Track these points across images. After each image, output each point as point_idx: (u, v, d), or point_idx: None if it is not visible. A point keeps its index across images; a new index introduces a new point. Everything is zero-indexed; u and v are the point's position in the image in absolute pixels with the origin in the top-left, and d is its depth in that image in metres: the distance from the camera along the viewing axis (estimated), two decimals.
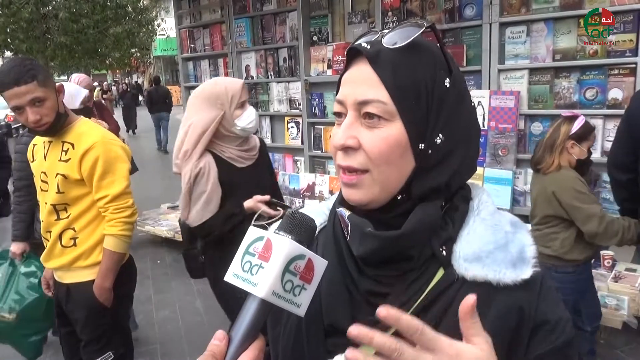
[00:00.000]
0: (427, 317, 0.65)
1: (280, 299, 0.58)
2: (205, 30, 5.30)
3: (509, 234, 0.68)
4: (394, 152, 0.65)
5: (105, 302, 2.02)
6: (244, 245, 0.61)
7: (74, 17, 11.02)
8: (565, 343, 0.66)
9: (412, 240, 0.66)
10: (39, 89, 1.81)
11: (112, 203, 1.97)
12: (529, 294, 0.66)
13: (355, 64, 0.68)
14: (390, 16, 3.75)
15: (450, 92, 0.66)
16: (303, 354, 0.72)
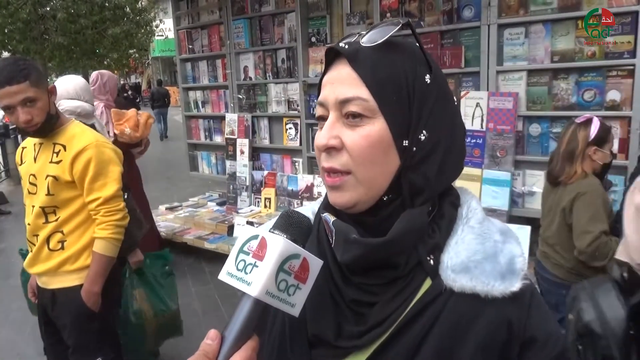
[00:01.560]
0: (414, 329, 0.64)
1: (274, 298, 0.57)
2: (204, 31, 5.29)
3: (498, 244, 0.66)
4: (377, 150, 0.63)
5: (93, 306, 1.99)
6: (238, 244, 0.61)
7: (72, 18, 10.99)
8: (557, 357, 0.64)
9: (398, 247, 0.64)
10: (31, 89, 1.80)
11: (104, 206, 1.95)
12: (518, 307, 0.64)
13: (334, 66, 0.66)
14: (388, 17, 3.75)
15: (432, 88, 0.65)
16: None
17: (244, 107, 5.01)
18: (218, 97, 5.35)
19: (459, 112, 0.72)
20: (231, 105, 5.12)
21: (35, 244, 1.98)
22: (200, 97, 5.55)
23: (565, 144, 2.30)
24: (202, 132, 5.62)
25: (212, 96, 5.41)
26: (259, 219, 4.48)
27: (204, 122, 5.58)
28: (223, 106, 5.29)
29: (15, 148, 8.78)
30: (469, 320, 0.63)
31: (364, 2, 4.09)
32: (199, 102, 5.57)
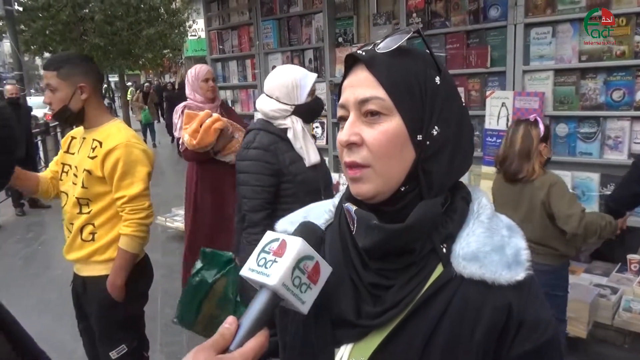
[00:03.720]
0: (428, 311, 0.70)
1: (288, 291, 0.65)
2: (234, 32, 5.42)
3: (505, 238, 0.73)
4: (394, 144, 0.70)
5: (117, 298, 2.09)
6: (260, 246, 0.69)
7: (109, 20, 11.39)
8: (546, 342, 0.69)
9: (414, 233, 0.71)
10: (56, 79, 2.00)
11: (129, 204, 2.05)
12: (519, 294, 0.70)
13: (353, 71, 0.74)
14: (414, 17, 3.78)
15: (441, 88, 0.72)
16: (311, 344, 0.77)
17: None
18: (247, 97, 5.47)
19: (467, 112, 0.79)
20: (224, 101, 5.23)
21: (71, 232, 2.11)
22: (230, 96, 5.69)
23: (520, 143, 2.40)
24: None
25: (241, 95, 5.54)
26: None
27: None
28: (252, 105, 5.41)
29: (55, 145, 9.17)
30: (476, 305, 0.69)
31: (391, 2, 4.12)
32: (229, 101, 5.71)
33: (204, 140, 3.01)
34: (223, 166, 3.27)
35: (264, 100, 2.21)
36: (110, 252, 2.11)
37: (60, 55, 2.16)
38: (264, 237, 0.69)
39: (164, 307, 3.94)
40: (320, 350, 0.76)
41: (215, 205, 3.40)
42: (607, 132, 3.09)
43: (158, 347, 3.27)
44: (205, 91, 3.29)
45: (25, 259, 5.44)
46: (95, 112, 2.12)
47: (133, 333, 2.24)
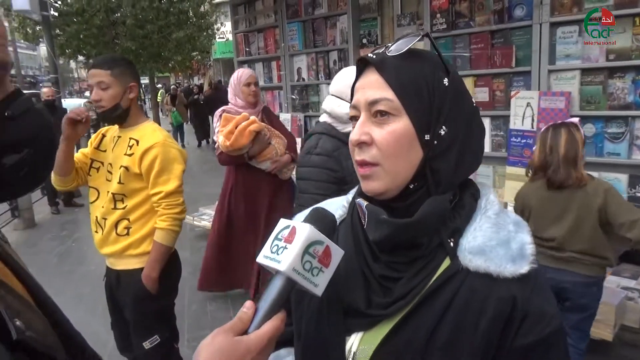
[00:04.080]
0: (435, 302, 0.73)
1: (299, 275, 0.68)
2: (260, 34, 5.50)
3: (511, 233, 0.75)
4: (401, 144, 0.74)
5: (151, 290, 2.19)
6: (274, 233, 0.73)
7: (139, 24, 11.66)
8: (550, 334, 0.71)
9: (422, 228, 0.74)
10: (109, 78, 2.09)
11: (165, 199, 2.15)
12: (523, 286, 0.72)
13: (365, 73, 0.78)
14: (438, 18, 3.78)
15: (449, 90, 0.75)
16: (324, 332, 0.81)
17: (297, 107, 5.18)
18: (273, 98, 5.55)
19: (477, 112, 0.81)
20: (285, 105, 5.30)
21: (104, 226, 2.21)
22: None
23: (565, 148, 2.27)
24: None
25: (267, 97, 5.62)
26: None
27: None
28: (277, 106, 5.49)
29: None
30: (482, 297, 0.72)
31: (415, 3, 4.13)
32: None
33: (237, 142, 2.94)
34: (258, 173, 3.22)
35: (334, 102, 2.08)
36: (144, 246, 2.20)
37: (111, 56, 2.29)
38: (278, 225, 0.73)
39: (191, 303, 4.04)
40: (332, 339, 0.79)
41: (247, 212, 3.39)
42: (636, 132, 3.03)
43: (185, 342, 3.36)
44: (247, 95, 3.23)
45: (60, 255, 5.65)
46: (135, 112, 2.23)
47: (165, 324, 2.33)
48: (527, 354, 0.71)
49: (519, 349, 0.71)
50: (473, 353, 0.71)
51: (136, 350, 2.27)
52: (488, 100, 3.59)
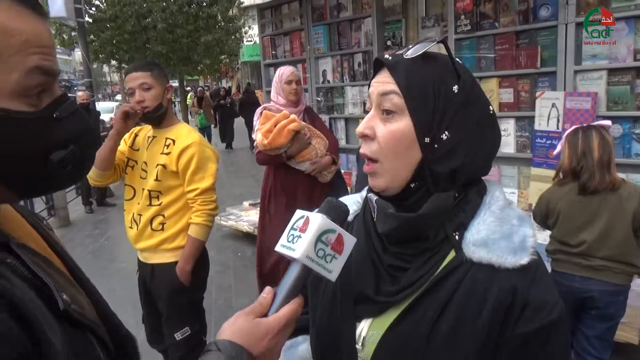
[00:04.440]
0: (440, 291, 0.77)
1: (313, 262, 0.73)
2: (286, 37, 5.59)
3: (514, 227, 0.79)
4: (400, 143, 0.78)
5: (185, 282, 2.29)
6: (290, 224, 0.78)
7: (170, 28, 12.01)
8: (551, 323, 0.74)
9: (426, 222, 0.79)
10: (150, 79, 2.21)
11: (200, 196, 2.25)
12: (524, 277, 0.75)
13: (380, 72, 0.83)
14: (462, 19, 3.78)
15: (458, 96, 0.78)
16: (336, 319, 0.86)
17: (322, 109, 5.24)
18: None
19: (490, 119, 0.83)
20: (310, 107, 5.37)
21: (139, 222, 2.32)
22: None
23: (598, 152, 2.21)
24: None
25: None
26: None
27: None
28: None
29: None
30: (484, 286, 0.76)
31: (439, 5, 4.14)
32: None
33: (275, 141, 2.84)
34: (296, 174, 3.09)
35: None
36: (178, 240, 2.30)
37: (146, 60, 2.42)
38: (294, 216, 0.78)
39: (217, 299, 4.15)
40: (344, 325, 0.85)
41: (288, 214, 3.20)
42: None
43: (212, 337, 3.46)
44: (288, 94, 3.15)
45: (93, 252, 5.86)
46: (170, 113, 2.35)
47: (196, 317, 2.44)
48: (527, 342, 0.74)
49: (519, 336, 0.74)
50: (475, 340, 0.74)
51: (167, 340, 2.38)
52: (513, 101, 3.58)
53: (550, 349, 0.75)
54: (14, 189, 0.64)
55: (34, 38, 0.60)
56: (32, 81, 0.60)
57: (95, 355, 0.66)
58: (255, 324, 0.71)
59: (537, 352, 0.75)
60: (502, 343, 0.75)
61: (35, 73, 0.60)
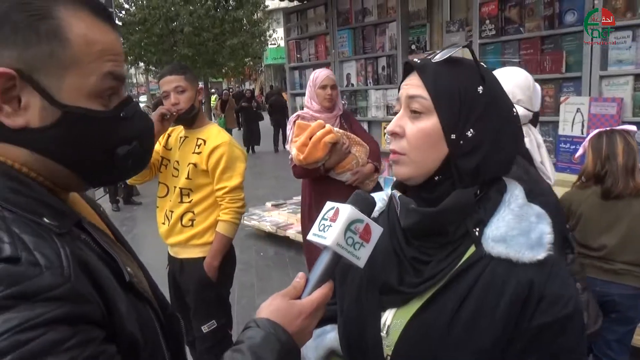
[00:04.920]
0: (461, 284, 0.82)
1: (343, 249, 0.79)
2: (311, 41, 5.67)
3: (532, 224, 0.83)
4: (428, 139, 0.83)
5: (212, 277, 2.38)
6: (321, 214, 0.84)
7: (196, 31, 12.26)
8: (566, 316, 0.77)
9: (446, 217, 0.83)
10: (184, 82, 2.31)
11: (229, 194, 2.34)
12: (540, 271, 0.79)
13: (410, 75, 0.88)
14: (487, 24, 3.80)
15: (483, 97, 0.83)
16: (363, 308, 0.92)
17: None
18: None
19: (513, 120, 0.88)
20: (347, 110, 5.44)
21: (170, 218, 2.42)
22: None
23: (623, 157, 2.18)
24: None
25: None
26: None
27: None
28: None
29: None
30: (502, 280, 0.80)
31: (464, 9, 4.18)
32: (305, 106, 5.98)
33: (312, 156, 2.63)
34: (336, 184, 2.86)
35: None
36: (207, 236, 2.40)
37: (178, 64, 2.52)
38: (324, 207, 0.84)
39: (241, 298, 4.24)
40: (370, 314, 0.90)
41: None
42: None
43: (235, 335, 3.55)
44: (322, 99, 2.92)
45: None
46: (201, 114, 2.46)
47: (222, 311, 2.53)
48: (541, 333, 0.78)
49: (535, 328, 0.78)
50: (493, 331, 0.79)
51: (195, 333, 2.47)
52: None
53: (564, 341, 0.79)
54: (84, 178, 0.72)
55: (108, 47, 0.69)
56: (106, 84, 0.68)
57: (152, 326, 0.74)
58: (291, 304, 0.78)
59: (551, 344, 0.78)
60: (517, 335, 0.79)
61: (109, 78, 0.69)
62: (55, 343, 0.53)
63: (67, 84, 0.64)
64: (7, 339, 0.50)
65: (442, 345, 0.81)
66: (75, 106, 0.65)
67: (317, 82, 2.95)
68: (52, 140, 0.65)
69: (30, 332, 0.52)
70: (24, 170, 0.65)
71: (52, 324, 0.53)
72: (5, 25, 0.61)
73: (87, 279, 0.61)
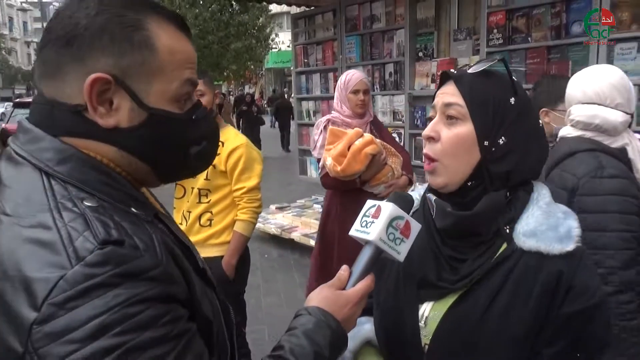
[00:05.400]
0: (495, 277, 0.88)
1: (385, 244, 0.85)
2: (319, 46, 5.74)
3: (560, 219, 0.89)
4: (461, 145, 0.89)
5: (230, 275, 2.44)
6: (362, 212, 0.90)
7: (201, 34, 12.36)
8: (594, 306, 0.85)
9: (480, 219, 0.90)
10: (202, 86, 2.36)
11: (247, 194, 2.41)
12: (569, 263, 0.86)
13: (446, 84, 0.95)
14: (495, 33, 3.88)
15: (514, 108, 0.90)
16: (401, 301, 0.99)
17: None
18: (329, 107, 5.76)
19: (540, 131, 0.95)
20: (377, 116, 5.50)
21: (188, 219, 2.49)
22: (312, 106, 6.03)
23: None
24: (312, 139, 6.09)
25: (322, 106, 5.85)
26: None
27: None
28: None
29: None
30: (534, 271, 0.87)
31: (472, 18, 4.25)
32: (311, 111, 6.05)
33: (351, 168, 2.41)
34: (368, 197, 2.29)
35: (602, 111, 1.61)
36: (225, 236, 2.47)
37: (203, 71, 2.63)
38: (365, 205, 0.91)
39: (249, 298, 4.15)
40: (409, 306, 0.97)
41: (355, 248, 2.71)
42: None
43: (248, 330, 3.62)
44: (354, 105, 2.69)
45: None
46: (219, 117, 2.54)
47: (238, 309, 2.58)
48: (569, 321, 0.85)
49: (563, 316, 0.85)
50: (525, 320, 0.85)
51: None
52: None
53: (592, 329, 0.86)
54: (160, 174, 0.79)
55: (188, 56, 0.76)
56: (184, 90, 0.75)
57: (216, 310, 0.80)
58: (338, 294, 0.85)
59: (580, 332, 0.85)
60: (547, 323, 0.85)
61: (187, 84, 0.76)
62: (154, 318, 0.60)
63: (153, 88, 0.71)
64: (118, 311, 0.57)
65: (477, 335, 0.88)
66: (159, 109, 0.72)
67: (348, 85, 2.71)
68: (138, 139, 0.72)
69: (136, 307, 0.58)
70: (111, 165, 0.72)
71: (152, 301, 0.60)
72: (105, 35, 0.68)
73: (173, 262, 0.68)
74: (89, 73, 0.67)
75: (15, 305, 0.57)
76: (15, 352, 0.56)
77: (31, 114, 0.72)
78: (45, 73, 0.70)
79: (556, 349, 0.85)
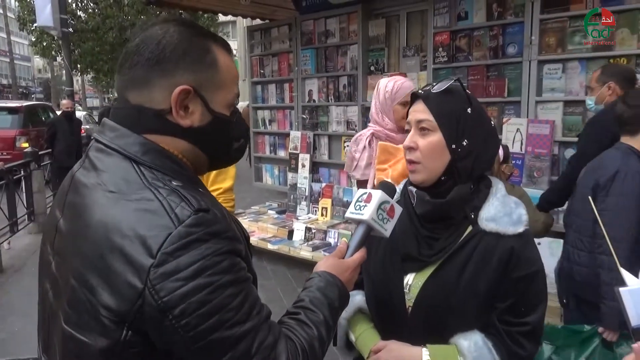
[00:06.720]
0: (462, 254, 1.13)
1: (375, 223, 1.08)
2: (274, 58, 5.97)
3: (512, 208, 1.16)
4: (435, 149, 1.14)
5: None
6: (355, 198, 1.12)
7: None
8: (535, 272, 1.12)
9: (452, 206, 1.15)
10: None
11: (223, 195, 2.55)
12: (519, 241, 1.12)
13: (416, 103, 1.19)
14: (440, 51, 4.26)
15: (471, 116, 1.15)
16: (388, 272, 1.22)
17: (307, 126, 5.61)
18: (284, 116, 5.99)
19: (492, 132, 1.21)
20: (295, 123, 5.74)
21: None
22: (267, 115, 6.22)
23: None
24: (267, 146, 6.29)
25: (278, 115, 6.06)
26: (316, 226, 5.02)
27: (270, 138, 6.25)
28: (288, 124, 5.93)
29: None
30: (493, 247, 1.12)
31: (419, 37, 4.62)
32: (267, 120, 6.24)
33: None
34: None
35: None
36: None
37: None
38: (356, 193, 1.14)
39: None
40: (395, 276, 1.21)
41: None
42: None
43: None
44: (400, 118, 2.28)
45: None
46: None
47: None
48: (517, 283, 1.12)
49: (513, 279, 1.12)
50: (486, 284, 1.12)
51: None
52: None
53: (533, 288, 1.14)
54: (211, 163, 0.98)
55: (236, 74, 0.97)
56: (234, 99, 0.96)
57: (256, 281, 1.00)
58: (340, 262, 1.07)
59: (524, 290, 1.13)
60: (503, 284, 1.12)
61: (236, 95, 0.97)
62: (231, 266, 0.81)
63: (217, 97, 0.91)
64: (210, 259, 0.77)
65: (452, 297, 1.13)
66: (219, 112, 0.92)
67: (396, 95, 2.30)
68: (204, 135, 0.91)
69: (220, 257, 0.79)
70: (179, 156, 0.91)
71: (229, 253, 0.81)
72: (188, 57, 0.88)
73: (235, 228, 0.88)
74: (175, 85, 0.86)
75: (135, 255, 0.75)
76: (136, 287, 0.75)
77: (114, 115, 0.91)
78: (134, 85, 0.88)
79: (507, 304, 1.12)
